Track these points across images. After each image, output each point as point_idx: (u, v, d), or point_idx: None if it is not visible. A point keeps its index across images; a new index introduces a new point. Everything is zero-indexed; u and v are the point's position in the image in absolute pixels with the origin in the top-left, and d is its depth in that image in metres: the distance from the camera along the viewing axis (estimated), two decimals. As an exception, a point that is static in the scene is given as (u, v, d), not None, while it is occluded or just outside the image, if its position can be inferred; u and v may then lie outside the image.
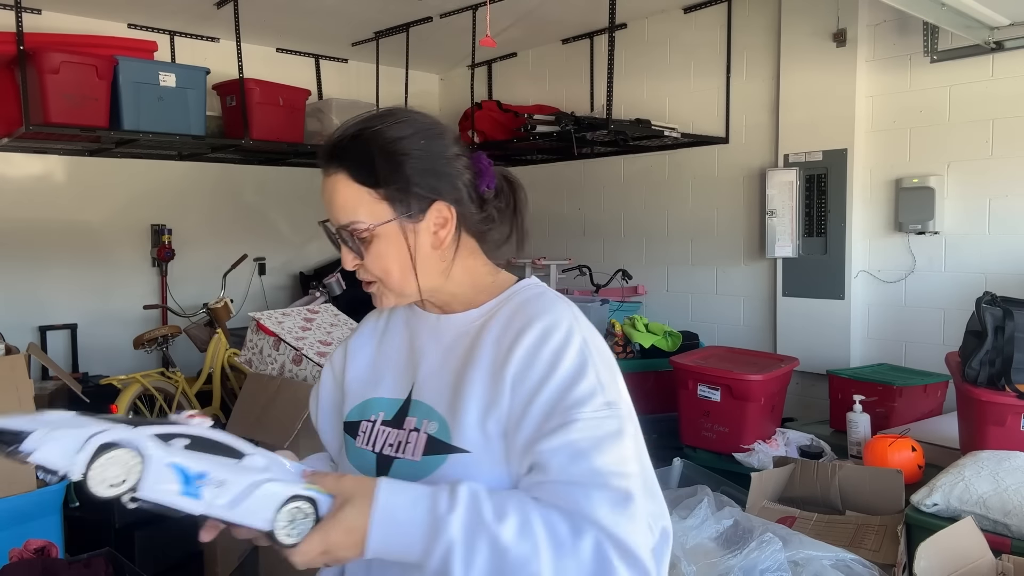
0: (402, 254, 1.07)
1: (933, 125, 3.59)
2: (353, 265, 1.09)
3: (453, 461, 1.03)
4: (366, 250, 1.07)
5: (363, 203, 1.05)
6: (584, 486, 0.94)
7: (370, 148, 1.05)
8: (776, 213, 3.99)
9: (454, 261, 1.11)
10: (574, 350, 1.01)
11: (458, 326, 1.12)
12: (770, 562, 1.97)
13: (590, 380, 0.99)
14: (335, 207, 1.07)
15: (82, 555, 2.26)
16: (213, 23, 4.56)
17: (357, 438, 1.15)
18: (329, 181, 1.07)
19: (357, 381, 1.20)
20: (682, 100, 4.54)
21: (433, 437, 1.05)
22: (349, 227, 1.06)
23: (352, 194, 1.05)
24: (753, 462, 2.95)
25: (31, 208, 4.44)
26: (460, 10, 4.35)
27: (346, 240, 1.07)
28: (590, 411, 0.97)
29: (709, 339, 4.23)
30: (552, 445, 0.96)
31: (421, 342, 1.15)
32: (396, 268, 1.08)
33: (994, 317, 2.45)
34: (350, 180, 1.05)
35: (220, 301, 4.31)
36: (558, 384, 0.99)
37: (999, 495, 2.13)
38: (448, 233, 1.08)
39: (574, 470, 0.94)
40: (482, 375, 1.04)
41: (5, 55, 3.57)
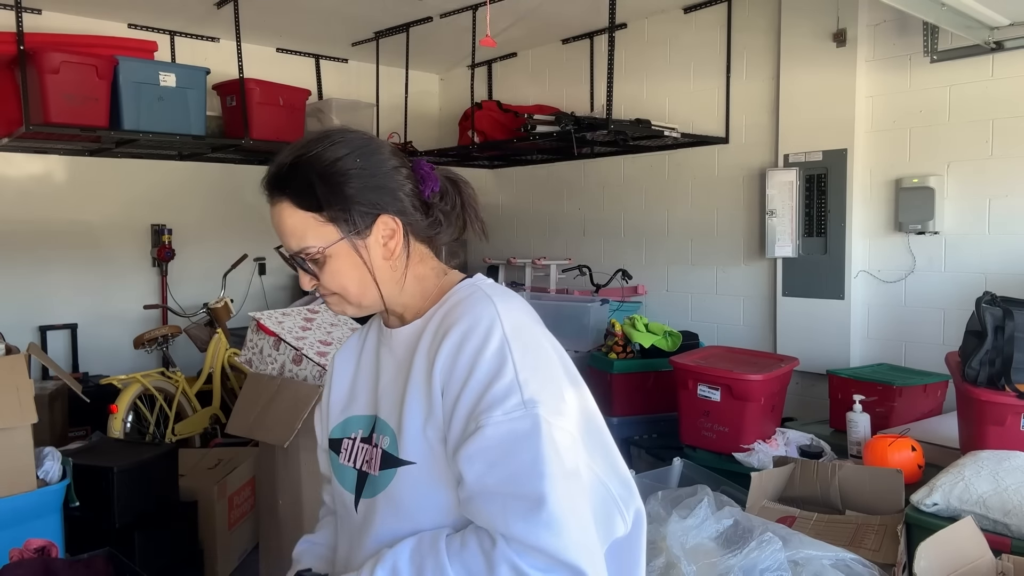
0: (357, 269, 1.10)
1: (933, 125, 3.59)
2: (311, 285, 1.13)
3: (402, 474, 1.06)
4: (321, 270, 1.10)
5: (310, 228, 1.08)
6: (497, 497, 0.95)
7: (309, 174, 1.07)
8: (776, 213, 3.99)
9: (407, 270, 1.14)
10: (491, 350, 1.00)
11: (405, 339, 1.14)
12: (770, 562, 1.97)
13: (506, 379, 0.98)
14: (285, 235, 1.10)
15: (82, 555, 2.26)
16: (213, 23, 4.56)
17: (340, 455, 1.18)
18: (275, 211, 1.10)
19: (339, 398, 1.23)
20: (682, 100, 4.54)
21: (386, 451, 1.09)
22: (301, 252, 1.09)
23: (299, 221, 1.08)
24: (753, 462, 2.95)
25: (31, 208, 4.44)
26: (460, 10, 4.35)
27: (301, 264, 1.11)
28: (501, 414, 0.96)
29: (709, 339, 4.23)
30: (468, 452, 0.97)
31: (381, 357, 1.18)
32: (352, 283, 1.11)
33: (994, 317, 2.45)
34: (294, 207, 1.08)
35: (220, 301, 4.31)
36: (475, 387, 0.99)
37: (999, 495, 2.13)
38: (397, 244, 1.11)
39: (488, 480, 0.96)
40: (417, 385, 1.07)
41: (5, 55, 3.57)
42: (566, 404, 1.02)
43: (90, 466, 2.72)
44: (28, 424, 2.41)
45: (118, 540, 2.63)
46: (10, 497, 2.37)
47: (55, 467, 2.56)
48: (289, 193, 1.08)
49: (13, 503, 2.37)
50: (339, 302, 1.14)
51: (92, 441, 3.34)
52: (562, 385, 1.04)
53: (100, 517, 2.71)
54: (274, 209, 1.10)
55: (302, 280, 1.13)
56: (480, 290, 1.12)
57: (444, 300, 1.13)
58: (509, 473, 0.95)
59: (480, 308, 1.06)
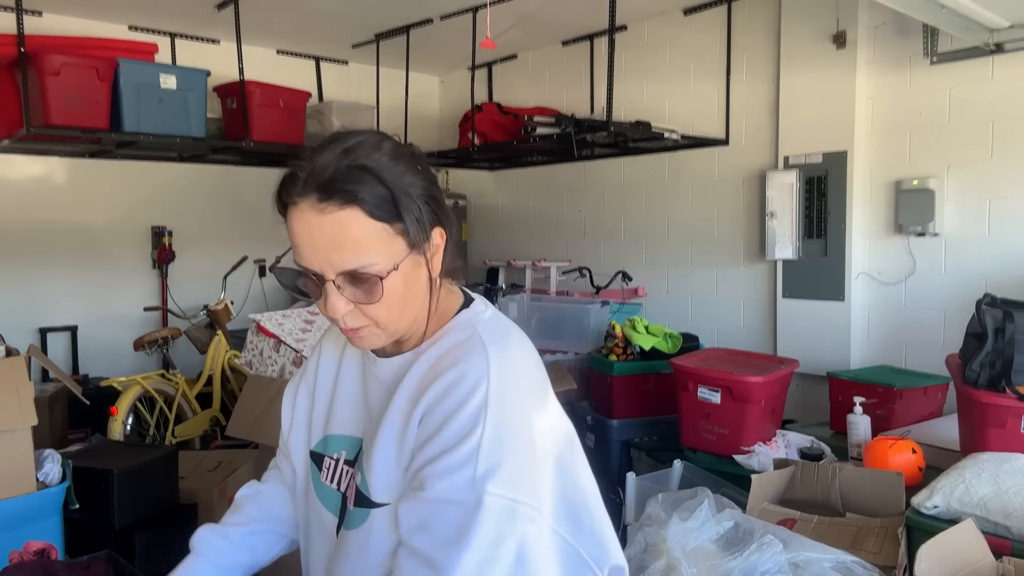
0: (409, 291, 0.99)
1: (933, 127, 3.59)
2: (345, 312, 0.97)
3: (375, 515, 1.02)
4: (369, 293, 0.96)
5: (379, 241, 0.95)
6: (416, 556, 0.93)
7: (380, 178, 0.95)
8: (776, 215, 3.99)
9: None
10: (467, 412, 0.94)
11: (393, 370, 1.07)
12: (770, 564, 1.97)
13: (467, 448, 0.93)
14: (342, 249, 0.94)
15: (82, 557, 2.26)
16: (214, 25, 4.56)
17: (322, 472, 1.13)
18: (332, 219, 0.93)
19: (321, 412, 1.17)
20: (682, 102, 4.54)
21: (359, 489, 1.04)
22: (357, 270, 0.94)
23: (368, 232, 0.94)
24: (753, 464, 2.94)
25: (32, 210, 4.44)
26: (460, 12, 4.36)
27: (349, 284, 0.96)
28: (446, 485, 0.93)
29: (709, 341, 4.23)
30: (406, 506, 0.96)
31: (368, 382, 1.12)
32: (399, 306, 0.99)
33: (994, 319, 2.45)
34: (365, 216, 0.93)
35: (220, 303, 4.31)
36: (435, 446, 0.95)
37: (1000, 497, 2.13)
38: (439, 260, 1.03)
39: (415, 536, 0.94)
40: (392, 426, 1.01)
41: (6, 57, 3.57)
42: (526, 476, 0.96)
43: (90, 468, 2.72)
44: (28, 426, 2.41)
45: (118, 542, 2.63)
46: (10, 499, 2.37)
47: (55, 469, 2.56)
48: (361, 200, 0.93)
49: (13, 505, 2.37)
50: (372, 335, 1.00)
51: (92, 443, 3.34)
52: (530, 455, 0.97)
53: (100, 519, 2.71)
54: (328, 218, 0.93)
55: (333, 306, 0.96)
56: (477, 335, 1.02)
57: (439, 335, 1.05)
58: (432, 539, 0.92)
59: (471, 360, 0.98)
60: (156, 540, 2.83)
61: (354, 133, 1.00)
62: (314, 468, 1.15)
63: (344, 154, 0.96)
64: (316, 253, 0.95)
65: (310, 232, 0.95)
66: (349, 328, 1.00)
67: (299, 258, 0.97)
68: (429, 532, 0.93)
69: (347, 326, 1.00)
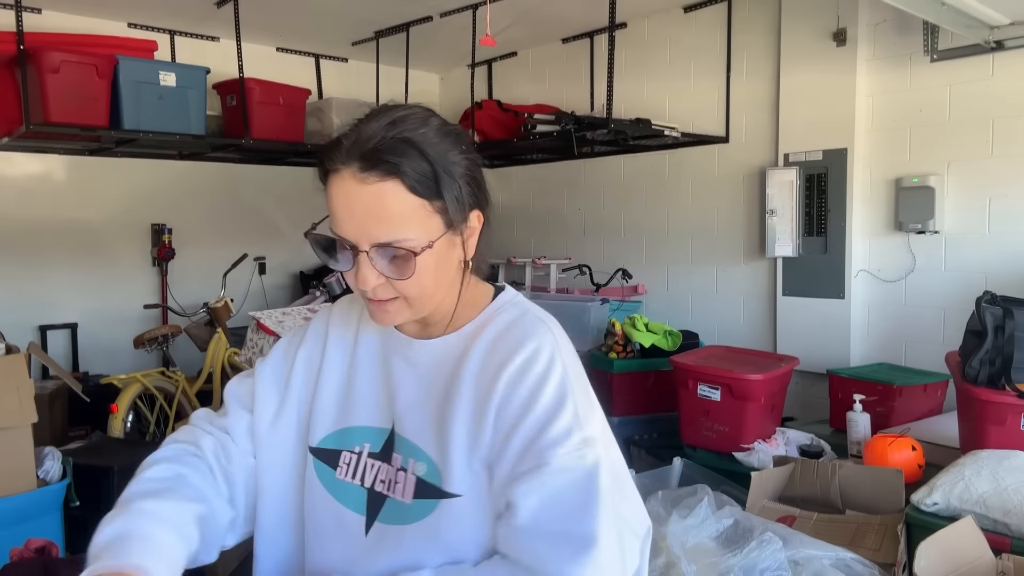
0: (442, 270, 0.98)
1: (933, 124, 3.59)
2: (375, 284, 0.96)
3: (446, 507, 0.97)
4: (402, 269, 0.94)
5: (418, 217, 0.93)
6: (550, 537, 0.91)
7: (424, 153, 0.93)
8: (776, 212, 3.99)
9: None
10: (554, 383, 0.96)
11: (435, 353, 1.04)
12: (770, 561, 1.97)
13: (567, 417, 0.95)
14: (379, 221, 0.92)
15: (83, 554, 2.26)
16: (213, 22, 4.56)
17: (338, 469, 1.06)
18: (371, 190, 0.92)
19: (331, 403, 1.10)
20: (682, 99, 4.54)
21: (422, 480, 0.99)
22: (392, 243, 0.93)
23: (408, 207, 0.93)
24: (753, 461, 2.95)
25: (31, 208, 4.44)
26: (460, 9, 4.35)
27: (382, 257, 0.94)
28: (564, 452, 0.93)
29: (709, 338, 4.23)
30: (525, 488, 0.93)
31: (395, 367, 1.06)
32: (431, 285, 0.98)
33: (994, 316, 2.45)
34: (406, 191, 0.92)
35: (220, 300, 4.31)
36: (536, 421, 0.95)
37: (999, 494, 2.13)
38: (474, 243, 1.02)
39: (543, 516, 0.92)
40: (466, 411, 0.99)
41: (5, 54, 3.57)
42: (608, 436, 1.00)
43: (90, 465, 2.72)
44: (28, 424, 2.42)
45: (118, 540, 2.62)
46: (11, 496, 2.37)
47: (55, 467, 2.57)
48: (403, 173, 0.92)
49: (13, 502, 2.38)
50: (400, 310, 0.99)
51: (92, 441, 3.34)
52: (599, 416, 1.01)
53: (100, 516, 2.71)
54: (368, 188, 0.92)
55: (364, 277, 0.95)
56: (530, 312, 1.05)
57: (487, 316, 1.05)
58: (563, 512, 0.92)
59: (539, 336, 1.00)
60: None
61: (403, 106, 0.99)
62: (321, 465, 1.07)
63: (391, 125, 0.95)
64: (352, 222, 0.94)
65: (348, 201, 0.94)
66: (377, 300, 0.98)
67: (335, 226, 0.96)
68: (558, 506, 0.92)
69: (376, 297, 0.98)
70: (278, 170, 5.27)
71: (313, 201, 3.94)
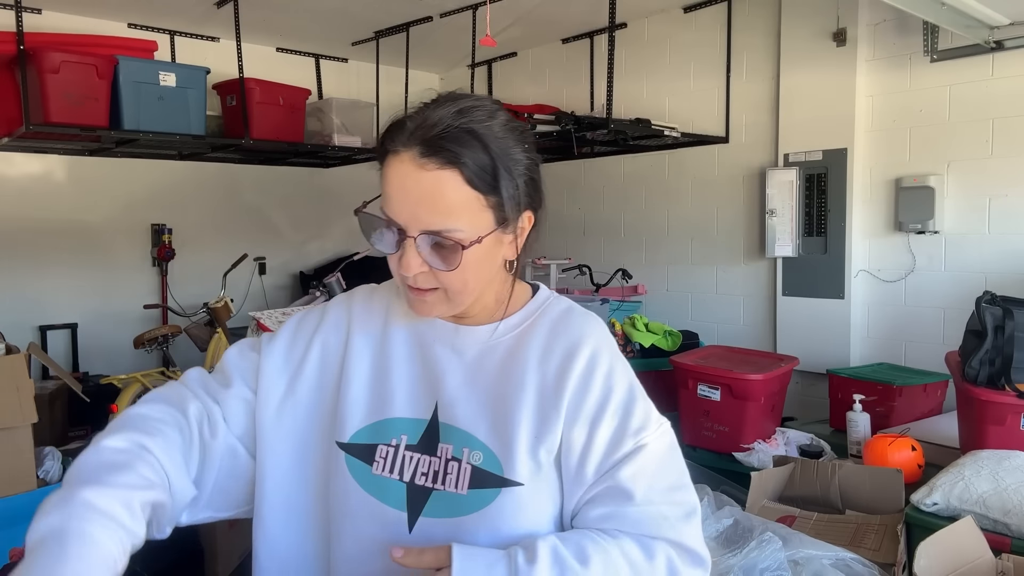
0: (487, 265, 0.98)
1: (933, 124, 3.59)
2: (418, 271, 0.94)
3: (506, 495, 0.96)
4: (447, 260, 0.93)
5: (470, 210, 0.92)
6: (661, 506, 0.97)
7: (487, 148, 0.92)
8: (776, 212, 3.99)
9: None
10: (621, 373, 1.03)
11: (481, 340, 1.04)
12: (770, 561, 1.97)
13: (642, 401, 1.03)
14: (432, 208, 0.91)
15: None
16: (213, 23, 4.56)
17: (375, 464, 1.00)
18: (429, 176, 0.90)
19: (361, 396, 1.04)
20: (682, 99, 4.54)
21: (480, 468, 0.97)
22: (441, 232, 0.92)
23: (462, 198, 0.91)
24: (753, 461, 2.95)
25: (31, 208, 4.44)
26: (460, 9, 4.35)
27: (429, 245, 0.93)
28: (652, 433, 1.01)
29: (709, 339, 4.23)
30: (631, 472, 0.97)
31: (436, 354, 1.04)
32: (474, 279, 0.97)
33: (994, 316, 2.45)
34: (462, 182, 0.91)
35: (220, 300, 4.31)
36: (618, 410, 1.00)
37: (999, 494, 2.13)
38: (522, 242, 1.01)
39: (654, 494, 0.97)
40: (531, 401, 0.99)
41: (5, 55, 3.57)
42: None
43: (90, 466, 2.72)
44: (28, 424, 2.41)
45: (118, 540, 2.62)
46: (10, 497, 2.37)
47: (55, 467, 2.57)
48: (463, 164, 0.91)
49: (13, 503, 2.38)
50: (438, 302, 0.98)
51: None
52: None
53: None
54: (427, 174, 0.90)
55: (408, 263, 0.93)
56: (575, 306, 1.09)
57: (533, 309, 1.06)
58: (669, 486, 0.99)
59: (596, 330, 1.05)
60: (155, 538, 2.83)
61: (472, 96, 0.98)
62: (355, 461, 1.01)
63: (458, 114, 0.93)
64: (405, 206, 0.92)
65: (405, 184, 0.92)
66: (417, 289, 0.97)
67: (387, 207, 0.94)
68: (663, 480, 0.99)
69: (416, 285, 0.96)
70: (278, 170, 5.27)
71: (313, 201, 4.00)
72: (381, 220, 0.95)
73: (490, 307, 1.05)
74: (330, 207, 5.51)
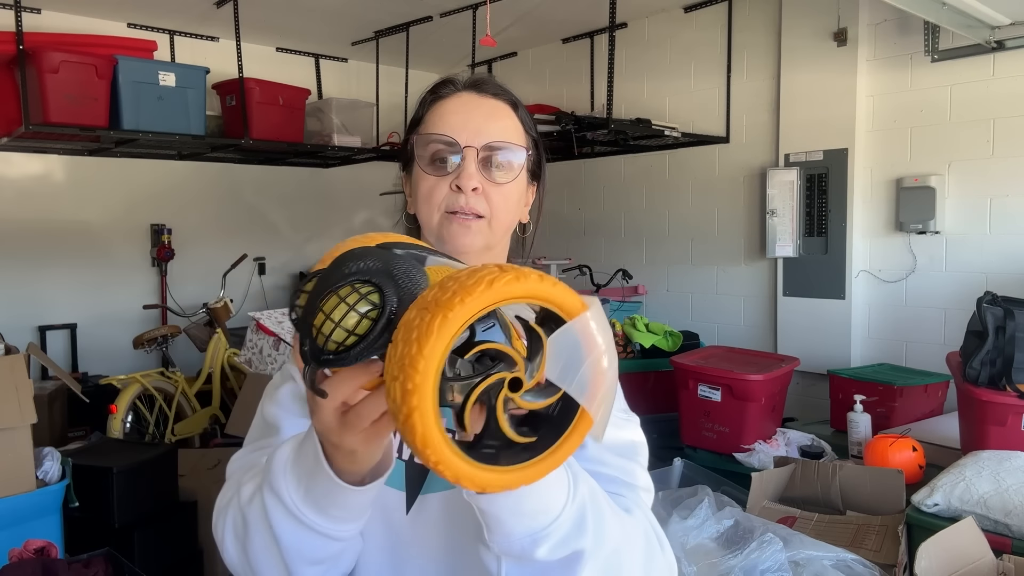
0: (517, 206, 1.03)
1: (934, 124, 3.59)
2: (476, 185, 0.96)
3: None
4: (496, 177, 0.98)
5: (520, 137, 1.02)
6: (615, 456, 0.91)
7: (525, 109, 1.05)
8: (777, 213, 3.98)
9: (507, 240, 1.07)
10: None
11: None
12: (771, 562, 1.97)
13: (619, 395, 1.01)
14: (496, 124, 0.99)
15: (82, 555, 2.26)
16: (213, 23, 4.55)
17: None
18: (488, 102, 1.01)
19: None
20: (682, 99, 4.54)
21: None
22: (500, 143, 0.98)
23: (515, 125, 1.02)
24: (754, 462, 2.94)
25: (31, 208, 4.44)
26: (460, 9, 4.35)
27: (486, 161, 0.98)
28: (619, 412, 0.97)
29: (709, 339, 4.23)
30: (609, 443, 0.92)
31: None
32: (513, 210, 1.02)
33: (995, 317, 2.45)
34: (514, 114, 1.02)
35: (220, 301, 4.31)
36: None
37: (1000, 495, 2.13)
38: (526, 213, 1.08)
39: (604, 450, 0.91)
40: None
41: (5, 55, 3.57)
42: None
43: (89, 466, 2.72)
44: (28, 424, 2.41)
45: (117, 540, 2.62)
46: (10, 497, 2.37)
47: (54, 467, 2.56)
48: (513, 103, 1.03)
49: (13, 503, 2.37)
50: (480, 231, 0.98)
51: (91, 441, 3.34)
52: None
53: (99, 517, 2.71)
54: (487, 100, 1.01)
55: (468, 174, 0.96)
56: None
57: None
58: (617, 448, 0.95)
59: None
60: (155, 538, 2.83)
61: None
62: None
63: (493, 77, 1.05)
64: (468, 124, 0.98)
65: (467, 107, 0.99)
66: (467, 209, 0.97)
67: (446, 128, 0.98)
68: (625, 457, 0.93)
69: (467, 207, 0.97)
70: (278, 170, 5.27)
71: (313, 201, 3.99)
72: (441, 137, 0.97)
73: None
74: (330, 207, 5.51)
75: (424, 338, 0.54)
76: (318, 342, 0.60)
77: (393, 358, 0.55)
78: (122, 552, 2.35)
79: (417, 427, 0.54)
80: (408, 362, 0.54)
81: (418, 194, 0.99)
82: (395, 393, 0.55)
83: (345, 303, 0.59)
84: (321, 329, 0.59)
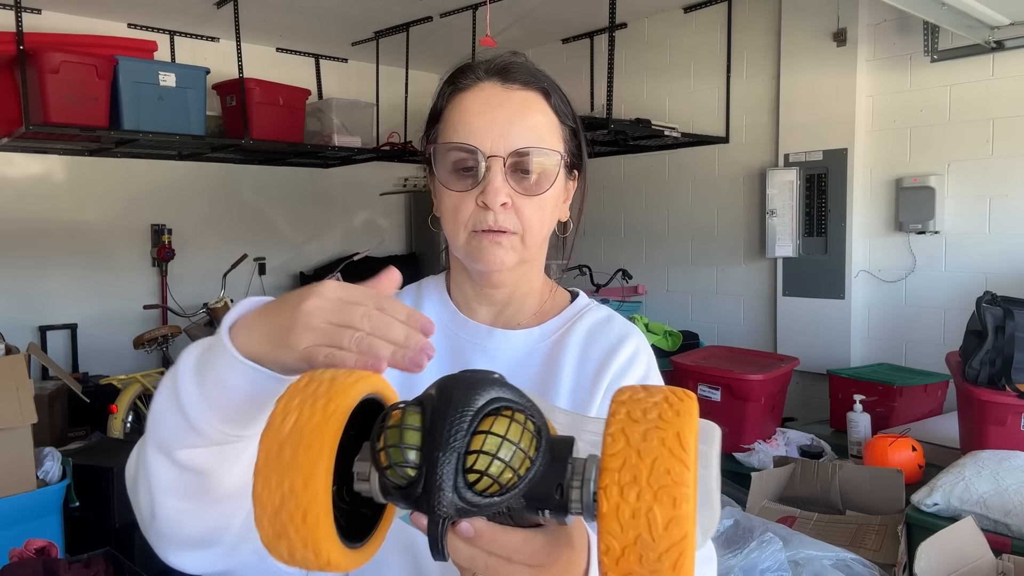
0: (554, 210, 0.92)
1: (933, 125, 3.59)
2: (504, 200, 0.85)
3: None
4: (529, 187, 0.87)
5: (554, 135, 0.89)
6: None
7: (563, 93, 0.93)
8: (776, 213, 3.99)
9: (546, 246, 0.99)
10: (656, 375, 1.01)
11: (519, 345, 0.97)
12: (770, 562, 1.97)
13: None
14: (523, 126, 0.86)
15: (82, 555, 2.26)
16: (213, 23, 4.55)
17: None
18: (515, 96, 0.87)
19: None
20: (682, 100, 4.54)
21: None
22: (530, 148, 0.86)
23: (547, 120, 0.89)
24: (753, 462, 2.95)
25: (31, 208, 4.44)
26: (460, 10, 4.35)
27: (513, 171, 0.86)
28: None
29: (709, 339, 4.23)
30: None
31: (467, 358, 0.97)
32: (548, 220, 0.91)
33: (994, 317, 2.45)
34: (547, 105, 0.90)
35: (220, 301, 4.31)
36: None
37: (999, 495, 2.13)
38: (566, 209, 0.98)
39: None
40: (566, 399, 0.94)
41: (5, 55, 3.57)
42: None
43: (90, 466, 2.72)
44: (28, 424, 2.41)
45: (118, 540, 2.63)
46: (10, 497, 2.37)
47: (55, 467, 2.57)
48: (545, 90, 0.89)
49: (13, 503, 2.38)
50: (513, 247, 0.89)
51: (92, 441, 3.34)
52: None
53: (100, 517, 2.71)
54: (514, 94, 0.87)
55: (495, 188, 0.84)
56: (617, 315, 1.05)
57: (571, 313, 1.01)
58: None
59: (638, 335, 1.02)
60: (156, 538, 2.83)
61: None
62: None
63: (521, 57, 0.92)
64: (492, 127, 0.85)
65: (490, 105, 0.86)
66: (496, 227, 0.86)
67: (468, 135, 0.86)
68: None
69: (496, 224, 0.86)
70: (278, 170, 5.27)
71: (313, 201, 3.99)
72: (463, 146, 0.85)
73: (531, 303, 1.00)
74: (330, 207, 5.51)
75: None
76: (478, 485, 0.54)
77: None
78: (122, 552, 2.35)
79: None
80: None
81: (442, 209, 0.90)
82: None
83: (507, 440, 0.54)
84: (476, 467, 0.53)
